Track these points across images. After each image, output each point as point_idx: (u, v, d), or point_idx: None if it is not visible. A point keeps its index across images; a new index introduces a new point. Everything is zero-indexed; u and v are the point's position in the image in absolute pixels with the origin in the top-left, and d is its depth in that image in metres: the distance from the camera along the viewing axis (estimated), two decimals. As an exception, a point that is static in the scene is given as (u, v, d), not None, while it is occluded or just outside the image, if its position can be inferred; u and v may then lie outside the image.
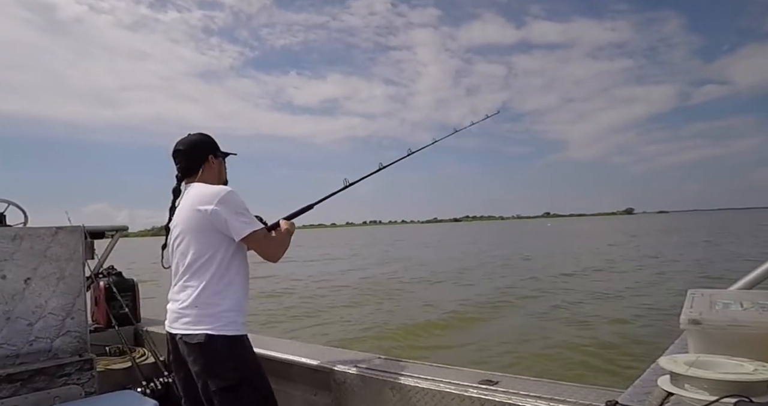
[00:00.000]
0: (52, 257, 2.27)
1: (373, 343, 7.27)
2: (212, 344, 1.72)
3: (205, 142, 1.98)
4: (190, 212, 1.81)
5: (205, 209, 1.75)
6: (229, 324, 1.75)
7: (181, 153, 1.94)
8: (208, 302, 1.75)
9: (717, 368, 1.06)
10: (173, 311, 1.83)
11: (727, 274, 12.08)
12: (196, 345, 1.73)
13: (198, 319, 1.74)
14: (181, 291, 1.82)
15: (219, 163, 1.99)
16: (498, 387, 1.74)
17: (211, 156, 1.95)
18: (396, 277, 15.37)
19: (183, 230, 1.83)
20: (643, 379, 1.26)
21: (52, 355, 2.22)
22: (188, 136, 1.98)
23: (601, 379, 5.06)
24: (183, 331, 1.77)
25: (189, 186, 1.92)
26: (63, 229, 2.33)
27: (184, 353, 1.79)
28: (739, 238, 28.48)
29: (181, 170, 1.93)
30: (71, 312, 2.30)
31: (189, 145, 1.95)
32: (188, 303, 1.77)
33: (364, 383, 2.07)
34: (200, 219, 1.77)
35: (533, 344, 6.89)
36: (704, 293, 1.36)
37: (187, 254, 1.81)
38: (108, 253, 3.74)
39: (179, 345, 1.81)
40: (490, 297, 11.06)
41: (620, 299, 10.35)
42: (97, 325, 3.52)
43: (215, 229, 1.76)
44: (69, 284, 2.30)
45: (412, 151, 2.37)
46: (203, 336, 1.72)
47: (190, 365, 1.78)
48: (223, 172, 2.02)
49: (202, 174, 1.92)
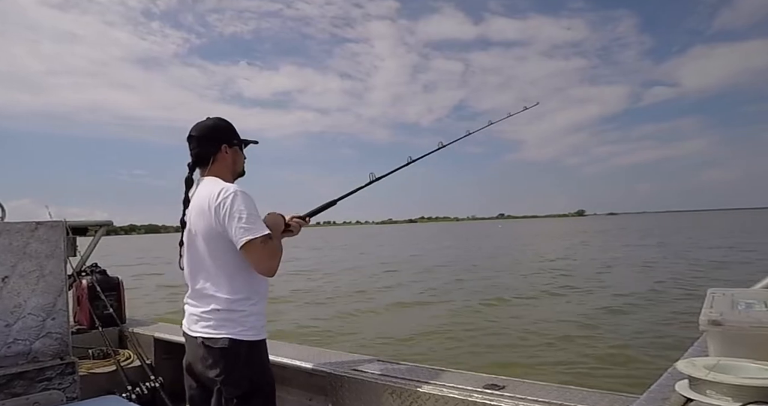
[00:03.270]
0: (31, 254, 2.24)
1: (370, 345, 7.27)
2: (234, 349, 1.72)
3: (220, 128, 1.91)
4: (197, 212, 1.79)
5: (209, 210, 1.73)
6: (251, 329, 1.75)
7: (194, 139, 1.89)
8: (231, 307, 1.74)
9: (739, 372, 1.05)
10: (192, 314, 1.83)
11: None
12: (218, 350, 1.72)
13: (220, 323, 1.74)
14: (201, 296, 1.80)
15: (234, 153, 1.92)
16: (504, 392, 1.73)
17: (225, 146, 1.89)
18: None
19: (195, 229, 1.81)
20: (660, 384, 1.24)
21: (31, 358, 2.20)
22: (205, 120, 1.92)
23: (614, 383, 5.05)
24: (204, 334, 1.76)
25: (202, 179, 1.88)
26: (43, 224, 2.31)
27: (200, 357, 1.78)
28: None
29: (193, 158, 1.89)
30: (52, 312, 2.28)
31: (201, 131, 1.89)
32: (210, 307, 1.76)
33: (362, 387, 2.06)
34: (206, 221, 1.75)
35: (541, 346, 6.89)
36: (725, 293, 1.34)
37: (202, 255, 1.79)
38: (91, 250, 3.72)
39: (198, 349, 1.79)
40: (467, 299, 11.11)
41: (636, 299, 10.42)
42: (79, 326, 3.51)
43: (218, 231, 1.74)
44: (50, 282, 2.28)
45: (443, 143, 2.40)
46: (226, 341, 1.71)
47: (206, 369, 1.76)
48: (239, 162, 1.96)
49: (213, 165, 1.88)
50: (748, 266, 14.44)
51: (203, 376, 1.80)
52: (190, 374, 1.89)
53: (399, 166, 2.25)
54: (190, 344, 1.85)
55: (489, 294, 11.26)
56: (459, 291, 12.11)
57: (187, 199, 1.89)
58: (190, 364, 1.87)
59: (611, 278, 13.70)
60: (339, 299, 11.92)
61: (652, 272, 14.60)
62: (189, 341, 1.86)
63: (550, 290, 11.89)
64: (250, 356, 1.74)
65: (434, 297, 11.50)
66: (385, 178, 2.23)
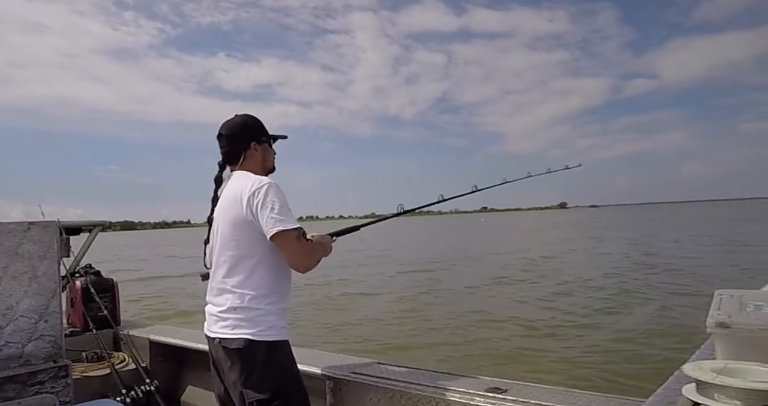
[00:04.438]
0: (23, 255, 2.24)
1: (370, 348, 7.27)
2: (252, 350, 1.69)
3: (249, 125, 1.94)
4: (228, 204, 1.79)
5: (241, 199, 1.73)
6: (269, 328, 1.72)
7: (223, 138, 1.92)
8: (248, 305, 1.72)
9: (748, 375, 1.04)
10: (211, 313, 1.81)
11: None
12: (234, 351, 1.70)
13: (237, 322, 1.72)
14: (220, 293, 1.79)
15: (263, 150, 1.94)
16: (507, 396, 1.72)
17: (254, 143, 1.91)
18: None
19: (222, 223, 1.81)
20: (666, 387, 1.24)
21: (23, 361, 2.19)
22: (233, 118, 1.94)
23: (620, 387, 5.06)
24: (221, 335, 1.74)
25: (233, 175, 1.90)
26: (36, 224, 2.30)
27: (221, 358, 1.77)
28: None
29: (224, 156, 1.92)
30: (45, 315, 2.27)
31: (230, 129, 1.91)
32: (227, 306, 1.74)
33: (361, 390, 2.05)
34: (237, 212, 1.74)
35: (543, 348, 6.89)
36: (733, 294, 1.34)
37: (225, 251, 1.78)
38: (85, 250, 3.72)
39: (218, 350, 1.78)
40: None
41: (642, 297, 10.49)
42: (73, 328, 3.51)
43: (249, 223, 1.73)
44: (42, 283, 2.28)
45: (477, 187, 2.52)
46: (243, 341, 1.69)
47: (227, 371, 1.75)
48: (269, 159, 1.98)
49: (244, 162, 1.89)
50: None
51: (226, 379, 1.78)
52: (217, 376, 1.88)
53: (430, 202, 2.36)
54: (211, 345, 1.83)
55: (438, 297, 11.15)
56: (405, 295, 11.59)
57: (215, 198, 1.91)
58: (215, 366, 1.87)
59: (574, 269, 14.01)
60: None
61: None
62: (209, 343, 1.85)
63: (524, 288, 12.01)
64: (270, 358, 1.70)
65: (373, 293, 11.65)
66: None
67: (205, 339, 1.86)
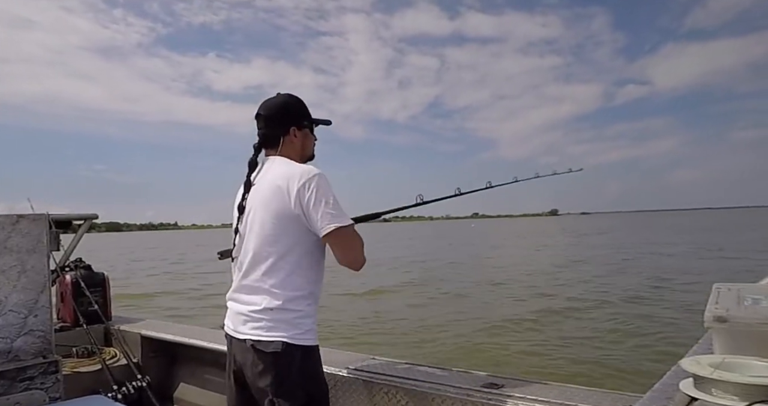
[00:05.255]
0: (12, 249, 2.22)
1: (366, 343, 7.29)
2: (288, 355, 1.57)
3: (291, 108, 1.79)
4: (270, 192, 1.63)
5: (288, 190, 1.58)
6: (306, 332, 1.61)
7: (262, 119, 1.77)
8: (287, 306, 1.59)
9: (746, 370, 1.04)
10: (239, 312, 1.67)
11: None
12: (270, 354, 1.57)
13: (273, 324, 1.59)
14: (252, 290, 1.65)
15: (303, 136, 1.79)
16: (503, 391, 1.73)
17: (294, 128, 1.76)
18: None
19: (260, 212, 1.65)
20: (663, 383, 1.24)
21: (12, 357, 2.18)
22: (275, 97, 1.81)
23: (616, 382, 5.09)
24: (255, 337, 1.60)
25: (270, 160, 1.75)
26: (25, 217, 2.28)
27: (250, 362, 1.63)
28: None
29: (260, 138, 1.77)
30: (34, 309, 2.26)
31: (270, 110, 1.77)
32: (263, 306, 1.60)
33: (357, 386, 2.06)
34: (283, 205, 1.59)
35: (540, 343, 6.92)
36: (731, 288, 1.34)
37: (265, 247, 1.63)
38: (75, 244, 3.70)
39: (247, 353, 1.64)
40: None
41: (639, 293, 10.59)
42: (63, 323, 3.50)
43: (295, 217, 1.59)
44: (32, 278, 2.26)
45: (491, 183, 2.42)
46: (280, 344, 1.56)
47: (256, 377, 1.61)
48: (310, 146, 1.83)
49: (283, 148, 1.75)
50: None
51: (253, 385, 1.64)
52: (237, 382, 1.74)
53: (447, 195, 2.26)
54: (237, 347, 1.68)
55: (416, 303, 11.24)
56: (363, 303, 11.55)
57: (248, 183, 1.74)
58: (238, 370, 1.71)
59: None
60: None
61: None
62: (235, 345, 1.69)
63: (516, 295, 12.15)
64: (306, 363, 1.61)
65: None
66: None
67: (199, 335, 1.81)
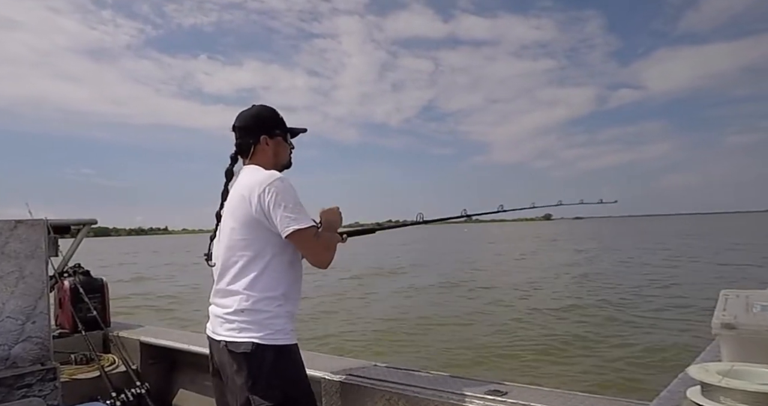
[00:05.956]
0: (10, 254, 2.22)
1: (365, 349, 7.27)
2: (259, 355, 1.65)
3: (261, 118, 1.87)
4: (237, 200, 1.73)
5: (250, 198, 1.68)
6: (278, 332, 1.68)
7: (237, 130, 1.87)
8: (256, 307, 1.68)
9: (755, 378, 1.04)
10: (217, 315, 1.76)
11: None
12: (241, 355, 1.66)
13: (244, 325, 1.67)
14: (225, 294, 1.74)
15: (275, 144, 1.87)
16: (507, 398, 1.72)
17: (265, 137, 1.84)
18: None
19: (230, 220, 1.76)
20: (671, 390, 1.24)
21: (10, 364, 2.18)
22: (249, 108, 1.89)
23: (623, 389, 5.07)
24: (227, 338, 1.70)
25: (243, 169, 1.85)
26: (23, 222, 2.29)
27: (226, 363, 1.73)
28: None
29: (236, 149, 1.87)
30: (32, 316, 2.26)
31: (243, 121, 1.86)
32: (233, 308, 1.69)
33: (357, 393, 2.05)
34: (246, 211, 1.69)
35: (544, 349, 6.90)
36: (739, 294, 1.33)
37: (232, 250, 1.73)
38: (74, 249, 3.70)
39: (222, 355, 1.74)
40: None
41: (645, 296, 10.57)
42: (61, 330, 3.49)
43: (258, 222, 1.69)
44: (30, 284, 2.26)
45: (503, 207, 2.47)
46: (250, 345, 1.65)
47: (232, 375, 1.71)
48: (283, 154, 1.91)
49: (254, 156, 1.84)
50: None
51: (232, 384, 1.74)
52: (219, 381, 1.84)
53: (450, 216, 2.32)
54: (215, 348, 1.80)
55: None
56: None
57: (225, 192, 1.84)
58: (218, 369, 1.83)
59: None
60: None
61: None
62: (214, 346, 1.81)
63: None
64: (279, 363, 1.67)
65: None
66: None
67: (198, 341, 1.85)
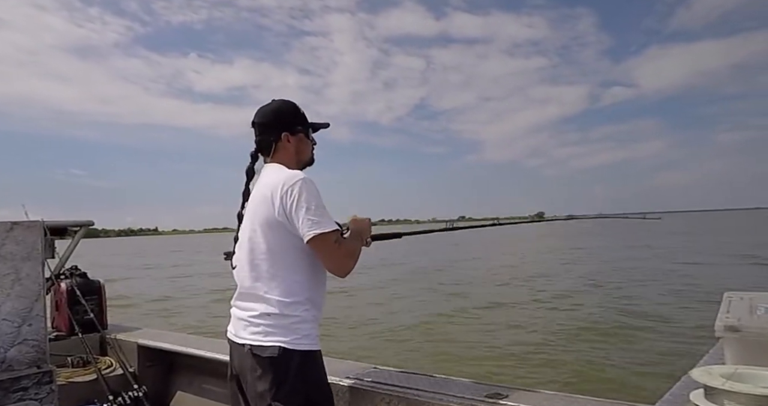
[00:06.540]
0: (6, 256, 2.22)
1: (364, 351, 7.26)
2: (285, 360, 1.61)
3: (282, 113, 1.82)
4: (259, 200, 1.69)
5: (272, 198, 1.63)
6: (304, 337, 1.64)
7: (257, 126, 1.82)
8: (282, 311, 1.63)
9: (759, 381, 1.04)
10: (240, 318, 1.72)
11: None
12: (267, 359, 1.61)
13: (270, 329, 1.63)
14: (249, 297, 1.70)
15: (297, 141, 1.82)
16: (508, 401, 1.71)
17: (286, 134, 1.79)
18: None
19: (253, 221, 1.71)
20: (673, 393, 1.24)
21: (5, 367, 2.17)
22: (269, 103, 1.84)
23: (625, 392, 5.07)
24: (252, 341, 1.65)
25: (265, 167, 1.80)
26: (19, 224, 2.28)
27: (249, 367, 1.67)
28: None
29: (256, 146, 1.83)
30: (28, 318, 2.25)
31: (263, 116, 1.82)
32: (259, 312, 1.65)
33: (357, 396, 2.04)
34: (269, 212, 1.64)
35: (545, 353, 6.90)
36: (743, 297, 1.33)
37: (256, 252, 1.68)
38: (71, 251, 3.69)
39: (245, 358, 1.68)
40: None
41: (647, 298, 10.57)
42: (57, 332, 3.48)
43: (281, 224, 1.64)
44: (26, 286, 2.26)
45: (603, 214, 2.46)
46: (277, 349, 1.60)
47: (254, 381, 1.65)
48: (305, 150, 1.86)
49: (275, 154, 1.80)
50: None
51: (252, 389, 1.67)
52: (237, 386, 1.77)
53: (483, 224, 2.34)
54: (237, 352, 1.74)
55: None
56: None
57: (247, 191, 1.80)
58: (238, 375, 1.76)
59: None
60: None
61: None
62: (235, 349, 1.75)
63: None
64: (304, 368, 1.63)
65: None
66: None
67: (196, 343, 1.82)
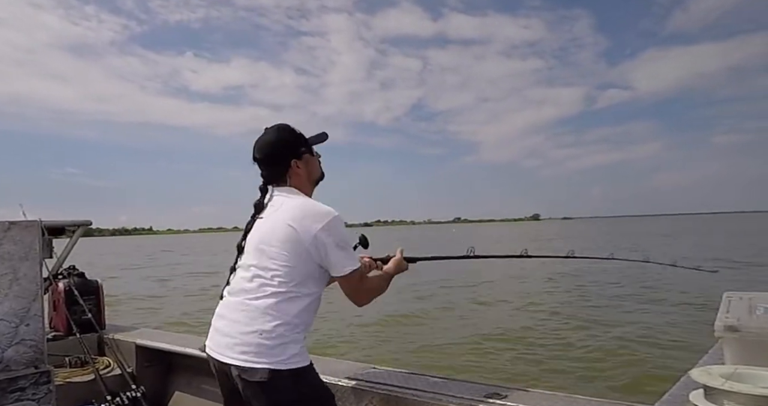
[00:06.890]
0: (4, 256, 2.22)
1: (363, 351, 7.27)
2: (276, 381, 1.59)
3: (284, 143, 1.81)
4: (279, 228, 1.68)
5: (304, 231, 1.64)
6: (293, 357, 1.62)
7: (260, 162, 1.82)
8: (276, 332, 1.61)
9: (758, 381, 1.04)
10: (225, 333, 1.68)
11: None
12: (257, 384, 1.59)
13: (260, 350, 1.60)
14: (241, 309, 1.67)
15: (306, 162, 1.83)
16: (507, 401, 1.72)
17: (295, 161, 1.80)
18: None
19: (267, 240, 1.69)
20: (673, 393, 1.24)
21: (3, 367, 2.17)
22: (264, 135, 1.82)
23: (625, 392, 5.07)
24: (241, 363, 1.62)
25: (283, 192, 1.79)
26: (17, 224, 2.28)
27: (240, 386, 1.65)
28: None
29: (264, 180, 1.83)
30: (26, 318, 2.25)
31: (264, 151, 1.80)
32: (251, 329, 1.62)
33: (355, 396, 2.05)
34: (294, 238, 1.65)
35: (545, 352, 6.90)
36: (743, 297, 1.33)
37: (262, 267, 1.67)
38: (68, 251, 3.69)
39: (235, 379, 1.66)
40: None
41: (647, 299, 10.58)
42: (55, 332, 3.48)
43: (307, 252, 1.65)
44: (23, 286, 2.26)
45: (649, 260, 2.37)
46: (266, 372, 1.58)
47: (249, 398, 1.64)
48: (315, 168, 1.87)
49: (291, 181, 1.80)
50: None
51: (248, 403, 1.67)
52: (228, 403, 1.80)
53: (510, 254, 2.27)
54: (224, 370, 1.69)
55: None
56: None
57: (261, 205, 1.80)
58: (225, 391, 1.77)
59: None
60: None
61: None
62: (218, 365, 1.71)
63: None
64: (297, 387, 1.62)
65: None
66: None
67: (194, 343, 1.81)
